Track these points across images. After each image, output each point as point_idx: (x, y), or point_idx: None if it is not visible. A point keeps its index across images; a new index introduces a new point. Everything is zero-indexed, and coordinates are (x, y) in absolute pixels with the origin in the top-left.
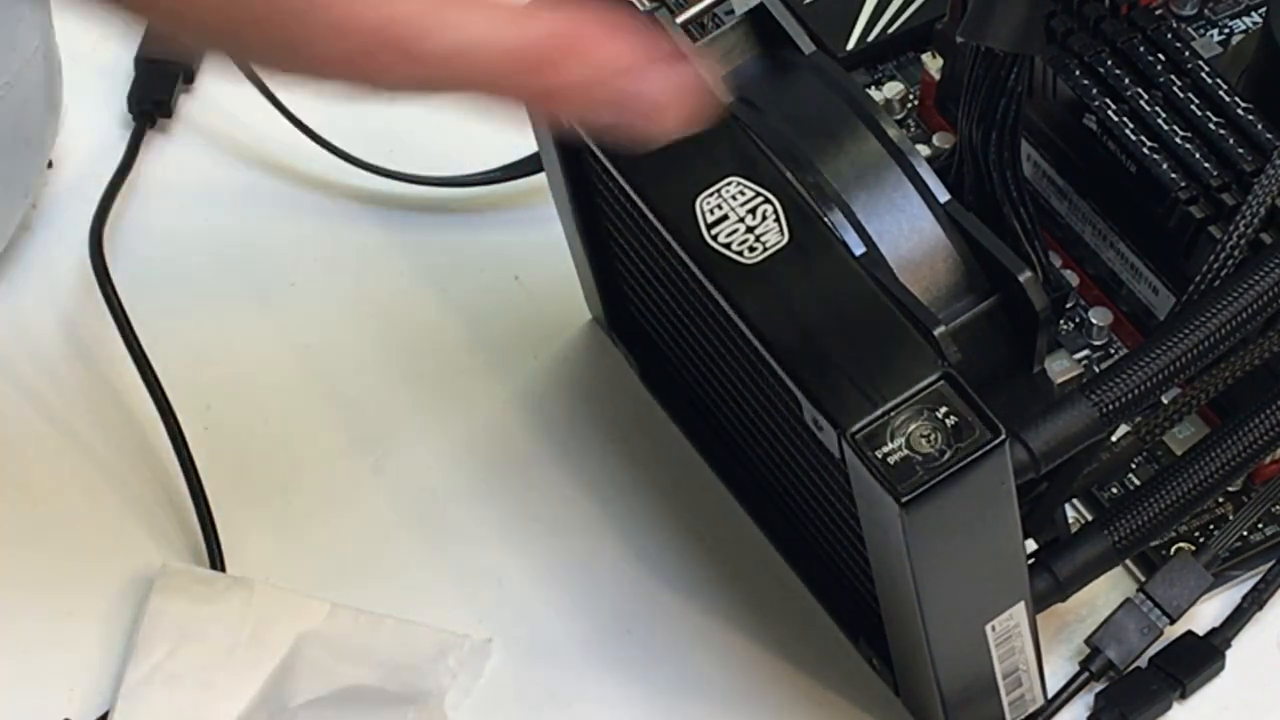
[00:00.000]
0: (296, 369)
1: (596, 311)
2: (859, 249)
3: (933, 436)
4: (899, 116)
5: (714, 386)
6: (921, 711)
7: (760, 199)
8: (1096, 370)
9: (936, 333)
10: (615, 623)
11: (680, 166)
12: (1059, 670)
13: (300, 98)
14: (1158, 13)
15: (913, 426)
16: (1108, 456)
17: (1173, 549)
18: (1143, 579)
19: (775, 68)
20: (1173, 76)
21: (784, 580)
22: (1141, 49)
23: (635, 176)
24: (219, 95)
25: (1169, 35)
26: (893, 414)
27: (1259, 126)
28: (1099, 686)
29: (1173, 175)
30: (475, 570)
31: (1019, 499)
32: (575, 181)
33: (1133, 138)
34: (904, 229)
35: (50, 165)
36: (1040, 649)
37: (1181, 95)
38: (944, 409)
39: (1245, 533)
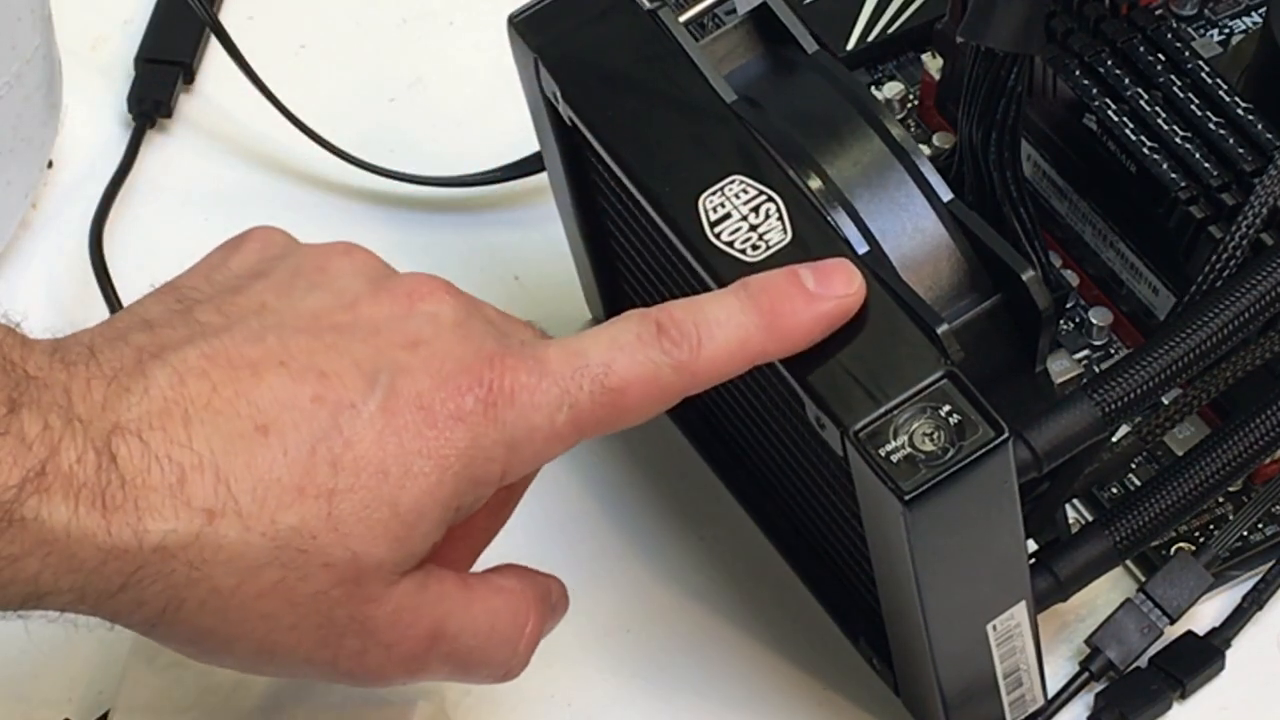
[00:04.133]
0: None
1: (596, 311)
2: (862, 248)
3: (936, 435)
4: (899, 116)
5: (715, 386)
6: (921, 711)
7: (763, 197)
8: (1096, 370)
9: (939, 331)
10: (615, 622)
11: (683, 165)
12: (1059, 670)
13: (300, 98)
14: (1158, 13)
15: (916, 425)
16: (1109, 456)
17: (1173, 549)
18: (1143, 579)
19: (778, 67)
20: (1173, 76)
21: (784, 580)
22: (1141, 49)
23: (638, 175)
24: (219, 95)
25: (1169, 35)
26: (896, 412)
27: (1259, 126)
28: (1099, 686)
29: (1173, 175)
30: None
31: (1020, 498)
32: (576, 181)
33: (1133, 138)
34: (907, 228)
35: (50, 165)
36: (1040, 649)
37: (1181, 95)
38: (947, 407)
39: (1245, 533)
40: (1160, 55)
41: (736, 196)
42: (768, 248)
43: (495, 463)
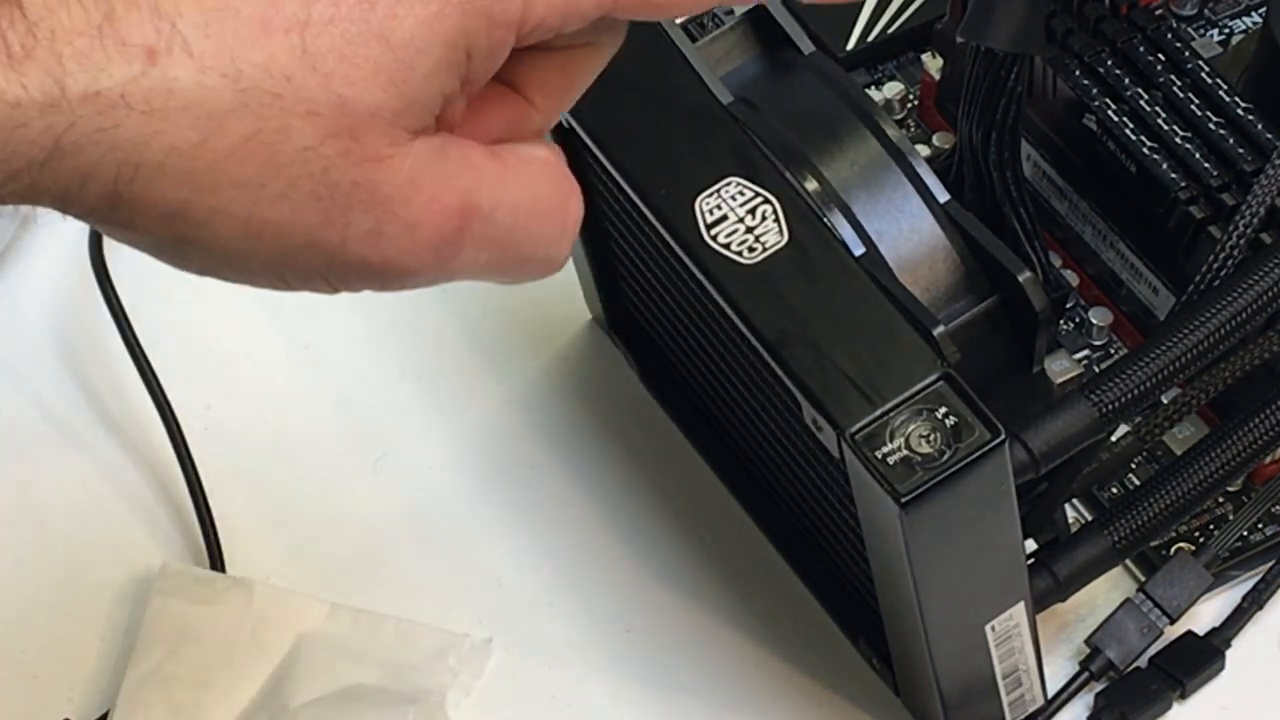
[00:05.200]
0: (296, 369)
1: (596, 311)
2: (858, 249)
3: (932, 437)
4: (899, 116)
5: (714, 387)
6: (921, 711)
7: (760, 199)
8: (1096, 370)
9: (936, 333)
10: (615, 623)
11: (680, 167)
12: (1059, 670)
13: None
14: (1158, 13)
15: (912, 427)
16: (1107, 456)
17: (1173, 549)
18: (1143, 579)
19: (775, 68)
20: (1173, 76)
21: (784, 580)
22: (1141, 49)
23: (635, 176)
24: None
25: (1169, 35)
26: (892, 414)
27: (1259, 126)
28: (1099, 686)
29: (1173, 175)
30: (475, 570)
31: (1018, 499)
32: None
33: (1133, 138)
34: (903, 229)
35: None
36: (1040, 649)
37: (1181, 95)
38: (943, 409)
39: (1245, 533)
40: (1160, 55)
41: (733, 198)
42: (764, 249)
43: None
